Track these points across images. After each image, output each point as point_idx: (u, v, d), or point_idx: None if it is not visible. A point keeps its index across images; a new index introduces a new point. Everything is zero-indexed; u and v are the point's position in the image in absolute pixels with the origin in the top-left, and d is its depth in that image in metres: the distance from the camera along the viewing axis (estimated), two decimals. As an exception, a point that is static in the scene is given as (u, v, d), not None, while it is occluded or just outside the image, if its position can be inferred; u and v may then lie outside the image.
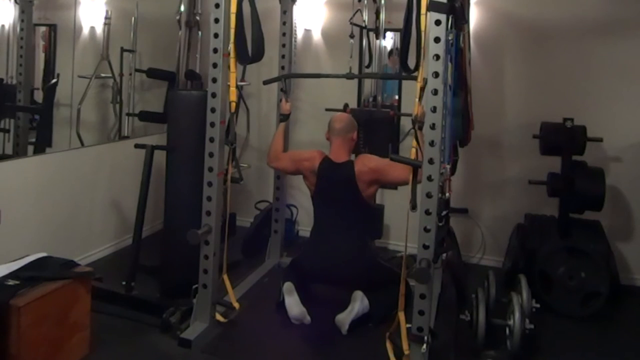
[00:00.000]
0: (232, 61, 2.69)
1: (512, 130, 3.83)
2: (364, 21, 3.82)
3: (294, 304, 2.84)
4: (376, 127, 3.66)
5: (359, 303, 2.84)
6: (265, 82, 3.50)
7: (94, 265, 3.45)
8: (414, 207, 2.34)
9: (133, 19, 4.04)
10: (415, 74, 2.50)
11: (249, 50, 2.80)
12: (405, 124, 3.96)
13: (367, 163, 2.98)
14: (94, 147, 3.74)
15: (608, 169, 3.52)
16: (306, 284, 3.04)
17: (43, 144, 3.43)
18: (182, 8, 3.64)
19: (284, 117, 3.30)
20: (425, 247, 2.31)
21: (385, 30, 3.76)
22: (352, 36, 3.69)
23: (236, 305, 2.88)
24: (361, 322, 2.83)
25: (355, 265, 2.95)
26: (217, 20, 2.63)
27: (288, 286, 2.90)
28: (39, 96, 3.45)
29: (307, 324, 2.83)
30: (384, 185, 3.25)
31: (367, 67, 3.94)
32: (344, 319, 2.78)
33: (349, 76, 3.46)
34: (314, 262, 3.01)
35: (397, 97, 4.06)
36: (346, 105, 3.71)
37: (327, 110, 3.85)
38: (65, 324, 2.41)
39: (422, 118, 2.33)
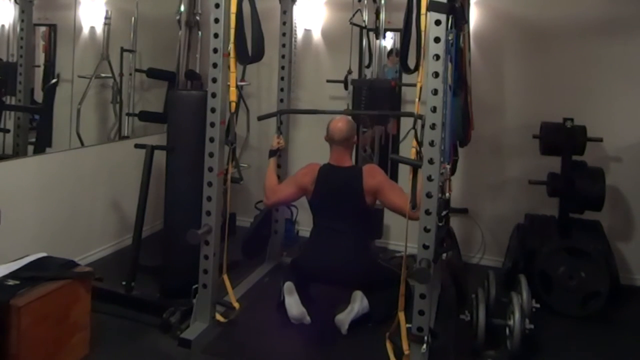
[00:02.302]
0: (232, 61, 2.70)
1: (512, 130, 3.83)
2: (364, 21, 3.82)
3: (293, 304, 2.84)
4: (377, 95, 3.62)
5: (358, 303, 2.84)
6: (260, 118, 3.46)
7: (94, 265, 3.45)
8: (414, 207, 2.34)
9: (133, 19, 4.04)
10: (415, 68, 2.48)
11: (249, 50, 2.80)
12: (406, 91, 3.93)
13: (375, 175, 2.98)
14: (94, 147, 3.74)
15: (608, 169, 3.52)
16: (306, 284, 3.03)
17: (43, 144, 3.43)
18: (182, 8, 3.64)
19: (272, 153, 3.23)
20: (425, 247, 2.31)
21: (385, 30, 3.76)
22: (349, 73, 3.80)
23: (236, 305, 2.88)
24: (361, 322, 2.83)
25: (355, 266, 2.94)
26: (217, 20, 2.63)
27: (288, 286, 2.89)
28: (39, 96, 3.45)
29: (306, 324, 2.83)
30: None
31: (367, 67, 3.94)
32: (344, 319, 2.78)
33: (346, 113, 3.44)
34: (314, 262, 3.01)
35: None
36: (349, 72, 3.69)
37: (328, 81, 3.88)
38: (65, 324, 2.41)
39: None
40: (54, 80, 3.50)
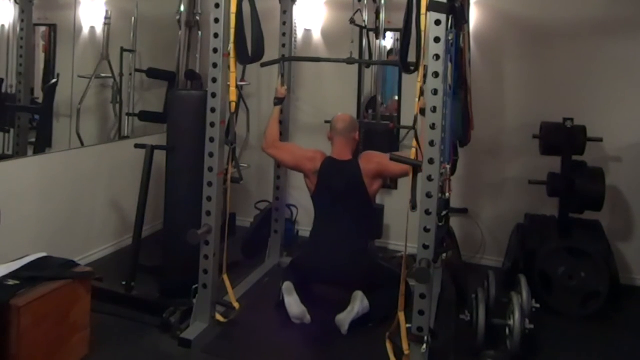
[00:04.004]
0: (232, 61, 2.69)
1: (512, 130, 3.83)
2: (364, 21, 3.82)
3: (293, 304, 2.84)
4: (376, 139, 3.71)
5: (359, 303, 2.83)
6: (264, 65, 3.46)
7: (94, 265, 3.45)
8: (414, 207, 2.34)
9: (133, 19, 4.04)
10: (415, 67, 2.49)
11: (249, 50, 2.80)
12: (403, 134, 3.98)
13: (372, 158, 3.04)
14: (94, 147, 3.74)
15: (608, 169, 3.52)
16: (306, 284, 3.03)
17: (43, 144, 3.43)
18: (182, 8, 3.64)
19: (278, 101, 3.32)
20: (425, 247, 2.31)
21: (385, 30, 3.76)
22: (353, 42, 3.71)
23: (236, 305, 2.88)
24: (361, 322, 2.83)
25: (355, 266, 2.95)
26: (217, 20, 2.63)
27: (287, 286, 2.89)
28: (38, 96, 3.45)
29: (307, 323, 2.82)
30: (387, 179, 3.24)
31: (367, 67, 3.95)
32: (344, 319, 2.77)
33: (349, 61, 3.46)
34: (314, 262, 3.01)
35: (396, 97, 4.07)
36: None
37: (326, 122, 3.85)
38: (65, 324, 2.41)
39: (424, 105, 2.32)
40: (54, 80, 3.50)
